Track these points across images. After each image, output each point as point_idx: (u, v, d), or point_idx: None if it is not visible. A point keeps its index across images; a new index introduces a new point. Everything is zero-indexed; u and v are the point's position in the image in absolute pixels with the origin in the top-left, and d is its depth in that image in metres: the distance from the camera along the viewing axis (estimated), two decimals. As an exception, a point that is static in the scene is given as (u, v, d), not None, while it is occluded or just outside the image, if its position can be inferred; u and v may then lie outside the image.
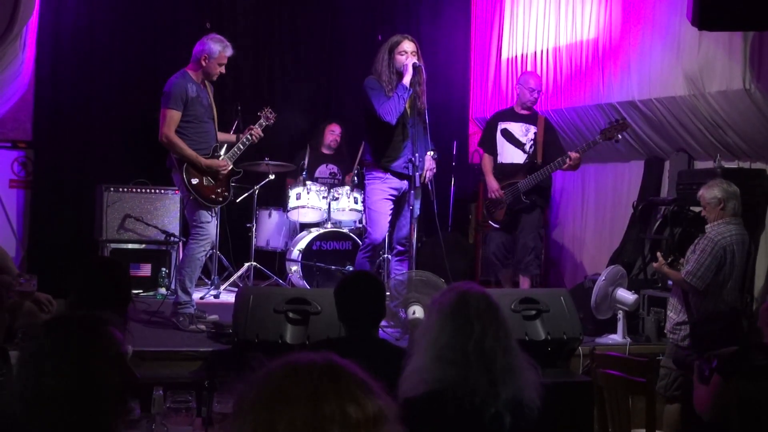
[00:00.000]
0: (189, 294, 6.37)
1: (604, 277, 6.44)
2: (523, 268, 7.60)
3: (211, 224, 6.44)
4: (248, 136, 6.69)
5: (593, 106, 8.15)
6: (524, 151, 7.67)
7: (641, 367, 4.55)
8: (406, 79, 6.30)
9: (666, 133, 7.63)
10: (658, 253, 6.20)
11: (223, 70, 6.50)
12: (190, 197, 6.34)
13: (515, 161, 7.68)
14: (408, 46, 6.39)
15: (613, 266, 6.69)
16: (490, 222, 7.87)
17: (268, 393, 1.55)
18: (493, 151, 7.82)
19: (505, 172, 7.69)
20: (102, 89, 8.70)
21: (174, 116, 6.27)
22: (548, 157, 7.52)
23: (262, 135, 6.77)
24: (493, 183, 7.69)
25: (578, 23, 8.41)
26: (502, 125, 7.79)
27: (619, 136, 7.19)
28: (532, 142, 7.66)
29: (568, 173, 8.96)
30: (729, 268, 5.73)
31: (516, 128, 7.73)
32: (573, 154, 7.24)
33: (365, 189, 6.69)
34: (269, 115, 6.96)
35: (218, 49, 6.40)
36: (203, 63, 6.38)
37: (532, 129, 7.68)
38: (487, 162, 7.84)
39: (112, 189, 7.98)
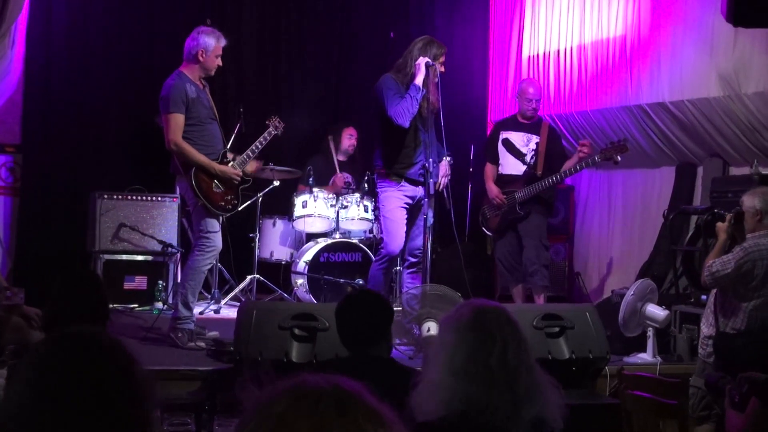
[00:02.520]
0: (190, 309, 6.37)
1: (632, 292, 6.41)
2: (528, 281, 7.61)
3: (218, 234, 6.44)
4: (257, 145, 6.73)
5: (620, 107, 8.14)
6: (524, 162, 7.71)
7: (673, 388, 4.53)
8: (418, 80, 6.32)
9: (699, 136, 7.61)
10: (729, 214, 5.99)
11: (220, 62, 6.53)
12: (199, 203, 6.34)
13: (514, 173, 7.73)
14: (444, 59, 6.50)
15: (642, 280, 6.66)
16: (484, 229, 7.95)
17: (270, 422, 1.53)
18: (495, 161, 7.88)
19: (504, 183, 7.76)
20: (96, 90, 8.70)
21: (179, 120, 6.27)
22: (551, 167, 7.55)
23: (279, 132, 6.88)
24: (492, 189, 7.77)
25: (605, 19, 8.40)
26: (503, 135, 7.85)
27: (618, 158, 7.20)
28: (533, 152, 7.68)
29: (594, 178, 8.95)
30: (759, 283, 5.68)
31: (517, 138, 7.77)
32: (565, 171, 7.33)
33: (378, 197, 6.70)
34: (277, 124, 6.95)
35: (213, 41, 6.42)
36: (201, 58, 6.39)
37: (534, 139, 7.71)
38: (489, 170, 7.93)
39: (105, 196, 7.98)
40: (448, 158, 6.64)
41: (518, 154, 7.72)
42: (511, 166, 7.75)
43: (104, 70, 8.76)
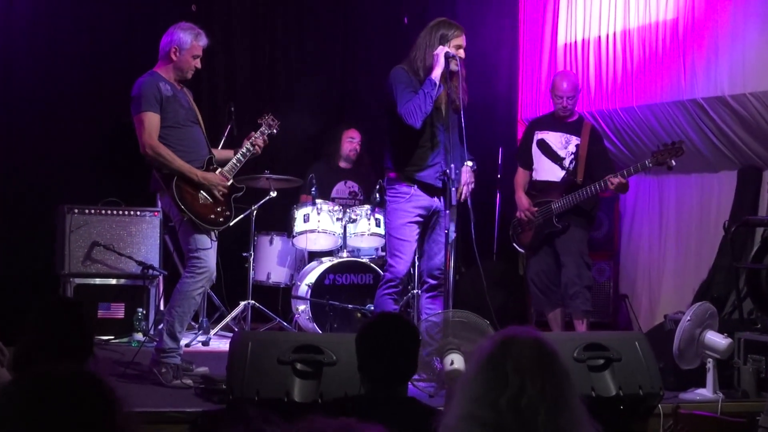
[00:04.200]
0: (177, 340, 6.37)
1: (689, 317, 6.40)
2: (568, 305, 7.60)
3: (210, 252, 6.44)
4: (248, 146, 6.69)
5: (672, 103, 8.14)
6: (562, 167, 7.71)
7: (737, 428, 4.52)
8: (435, 73, 6.29)
9: (764, 135, 7.60)
10: None
11: (198, 64, 6.57)
12: (185, 218, 6.34)
13: (551, 179, 7.72)
14: (462, 41, 6.45)
15: (700, 303, 6.64)
16: (515, 245, 7.96)
17: None
18: (528, 165, 7.88)
19: (539, 190, 7.76)
20: (65, 93, 8.73)
21: (153, 120, 6.29)
22: (593, 174, 7.56)
23: (267, 142, 6.80)
24: (522, 200, 7.77)
25: (653, 0, 8.41)
26: (539, 135, 7.86)
27: (673, 162, 7.19)
28: (572, 156, 7.69)
29: (642, 185, 8.94)
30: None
31: (554, 139, 7.78)
32: (614, 179, 7.30)
33: (386, 209, 6.67)
34: (271, 122, 6.96)
35: (189, 38, 6.46)
36: (174, 57, 6.44)
37: (574, 140, 7.71)
38: (520, 176, 7.96)
39: (76, 210, 8.00)
40: (471, 164, 6.59)
41: (555, 158, 7.73)
42: (547, 172, 7.75)
43: (74, 68, 8.78)
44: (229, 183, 6.58)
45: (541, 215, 7.65)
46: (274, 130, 6.97)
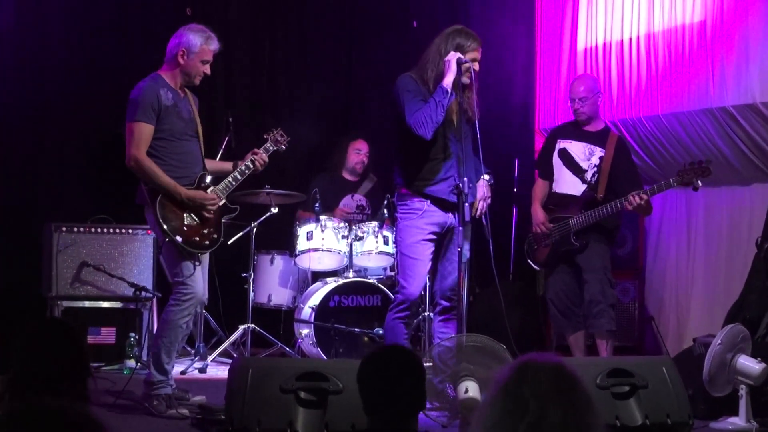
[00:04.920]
0: (165, 372, 6.35)
1: (720, 340, 6.39)
2: (591, 324, 7.58)
3: (195, 277, 6.38)
4: (249, 164, 6.64)
5: (700, 111, 8.13)
6: (583, 180, 7.70)
7: (773, 460, 4.51)
8: (447, 80, 6.27)
9: (799, 146, 7.60)
10: None
11: (207, 70, 6.48)
12: (166, 240, 6.30)
13: (571, 192, 7.73)
14: (478, 54, 6.44)
15: (731, 325, 6.63)
16: (530, 262, 7.96)
17: None
18: (548, 176, 7.88)
19: (557, 203, 7.76)
20: (53, 101, 8.78)
21: (144, 132, 6.24)
22: (616, 189, 7.55)
23: (266, 162, 6.75)
24: (538, 213, 7.78)
25: (679, 1, 8.42)
26: (561, 144, 7.86)
27: (699, 183, 7.19)
28: (595, 168, 7.68)
29: (669, 199, 8.92)
30: None
31: (577, 149, 7.78)
32: (634, 199, 7.28)
33: (397, 225, 6.65)
34: (279, 138, 6.91)
35: (199, 41, 6.38)
36: (181, 60, 6.37)
37: (598, 152, 7.71)
38: (538, 188, 7.97)
39: (64, 229, 8.01)
40: (487, 177, 6.58)
41: (577, 170, 7.72)
42: (568, 184, 7.75)
43: (64, 77, 8.83)
44: (220, 203, 6.53)
45: (557, 231, 7.65)
46: (282, 147, 6.91)
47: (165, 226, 6.26)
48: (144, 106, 6.24)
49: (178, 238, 6.29)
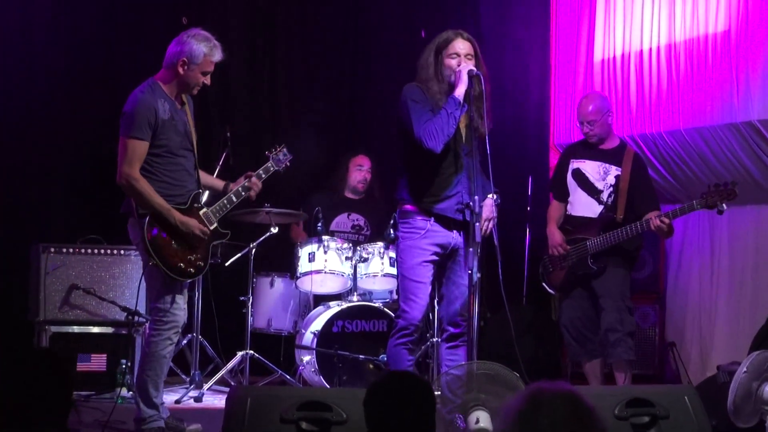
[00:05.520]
0: (155, 406, 6.30)
1: (745, 368, 6.37)
2: (609, 354, 7.57)
3: (177, 305, 6.33)
4: (242, 188, 6.62)
5: (724, 125, 8.13)
6: (600, 201, 7.70)
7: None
8: (459, 91, 6.26)
9: (829, 162, 7.60)
10: None
11: (207, 80, 6.40)
12: (150, 263, 6.21)
13: (587, 214, 7.74)
14: (461, 46, 6.38)
15: (758, 352, 6.61)
16: (544, 285, 7.96)
17: None
18: (563, 197, 7.88)
19: (574, 226, 7.77)
20: (40, 112, 8.77)
21: (138, 148, 6.14)
22: (634, 209, 7.55)
23: (260, 189, 6.71)
24: (555, 234, 7.78)
25: (702, 10, 8.42)
26: (574, 164, 7.87)
27: (724, 206, 7.20)
28: (611, 188, 7.68)
29: (691, 218, 8.91)
30: None
31: (591, 169, 7.78)
32: (655, 220, 7.29)
33: (398, 246, 6.60)
34: (281, 157, 6.85)
35: (203, 51, 6.27)
36: (180, 70, 6.26)
37: (614, 170, 7.71)
38: (553, 209, 7.98)
39: (52, 250, 8.00)
40: (494, 197, 6.53)
41: (592, 190, 7.72)
42: (584, 206, 7.75)
43: (51, 86, 8.83)
44: (211, 228, 6.45)
45: (574, 253, 7.64)
46: (285, 165, 6.88)
47: (149, 246, 6.16)
48: (139, 121, 6.13)
49: (163, 263, 6.21)
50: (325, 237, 8.37)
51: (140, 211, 6.21)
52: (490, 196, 6.47)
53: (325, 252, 8.30)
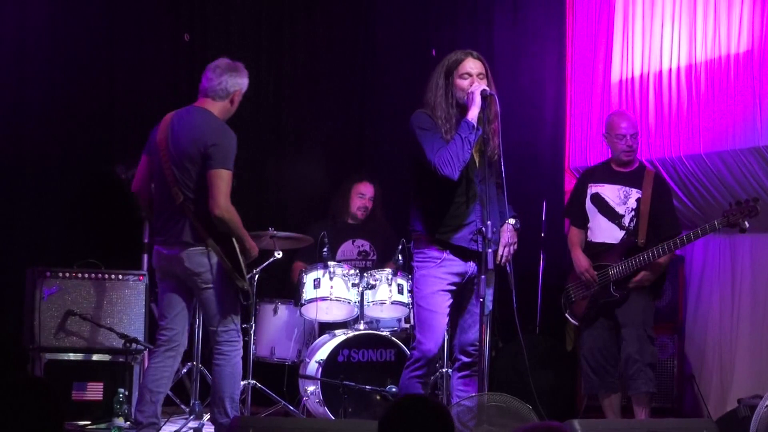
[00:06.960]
0: (228, 415, 6.53)
1: (767, 402, 6.35)
2: (628, 386, 7.55)
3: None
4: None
5: (747, 149, 8.12)
6: (621, 226, 7.69)
7: None
8: (472, 114, 6.22)
9: None
10: None
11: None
12: (243, 286, 6.48)
13: (608, 240, 7.73)
14: (472, 65, 6.36)
15: (780, 385, 6.61)
16: (567, 316, 7.92)
17: None
18: (582, 224, 7.86)
19: (595, 253, 7.75)
20: (35, 128, 8.77)
21: (231, 181, 6.42)
22: (658, 233, 7.53)
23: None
24: (581, 259, 7.76)
25: (723, 30, 8.42)
26: (593, 188, 7.85)
27: (746, 224, 7.19)
28: (632, 213, 7.67)
29: (711, 245, 8.90)
30: None
31: (611, 193, 7.78)
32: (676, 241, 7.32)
33: (414, 275, 6.59)
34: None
35: (247, 82, 6.64)
36: (236, 101, 6.63)
37: (634, 193, 7.71)
38: (574, 235, 7.97)
39: (48, 274, 7.99)
40: (514, 221, 6.52)
41: (613, 216, 7.70)
42: (604, 232, 7.73)
43: (46, 101, 8.83)
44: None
45: (597, 281, 7.61)
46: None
47: (243, 266, 6.45)
48: (233, 155, 6.45)
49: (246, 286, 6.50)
50: (330, 263, 8.35)
51: (233, 234, 6.43)
52: (509, 221, 6.44)
53: (331, 278, 8.28)
